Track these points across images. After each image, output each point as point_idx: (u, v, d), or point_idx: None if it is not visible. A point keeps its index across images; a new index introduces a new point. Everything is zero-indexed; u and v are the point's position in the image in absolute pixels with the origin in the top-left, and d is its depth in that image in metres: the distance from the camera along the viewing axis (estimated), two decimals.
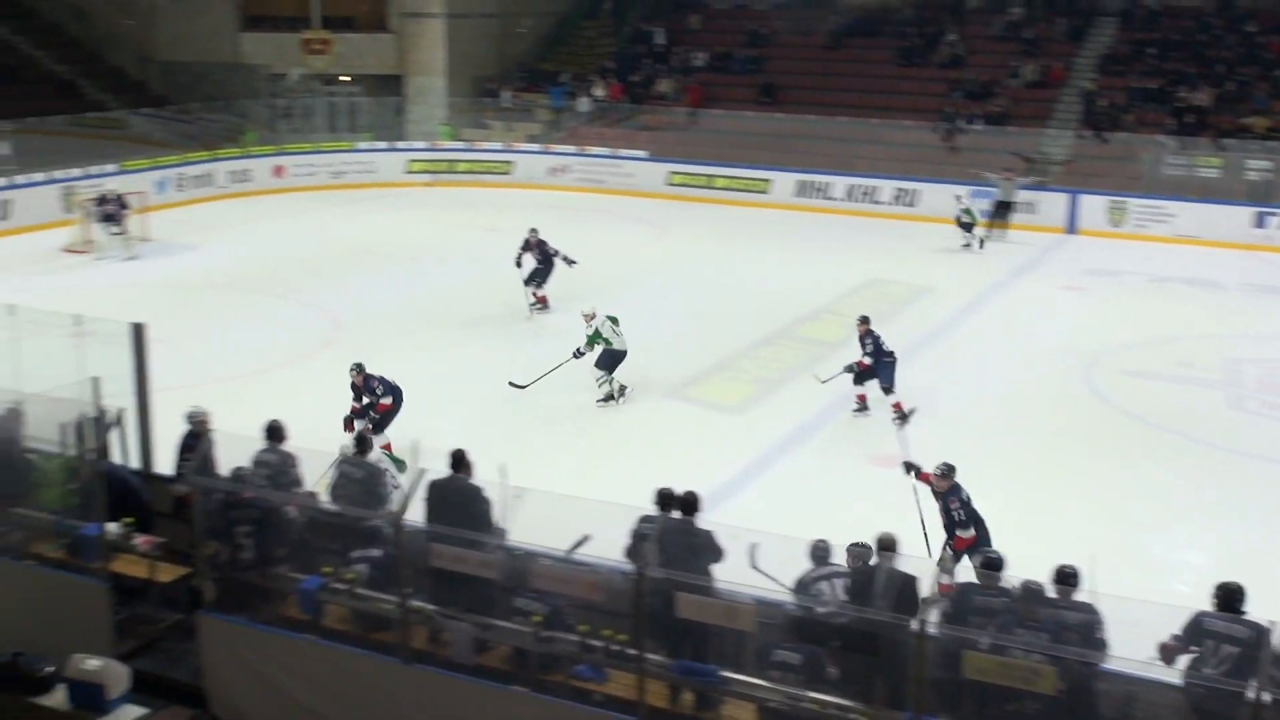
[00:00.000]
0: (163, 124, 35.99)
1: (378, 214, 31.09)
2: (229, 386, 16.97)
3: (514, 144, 36.40)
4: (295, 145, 35.52)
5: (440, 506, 9.31)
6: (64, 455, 10.70)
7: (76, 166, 29.77)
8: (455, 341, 19.80)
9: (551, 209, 31.24)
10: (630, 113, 37.09)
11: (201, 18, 38.73)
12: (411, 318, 21.17)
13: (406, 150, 35.94)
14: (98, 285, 22.92)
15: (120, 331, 11.64)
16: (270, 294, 22.52)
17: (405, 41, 39.01)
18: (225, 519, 9.47)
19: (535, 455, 14.54)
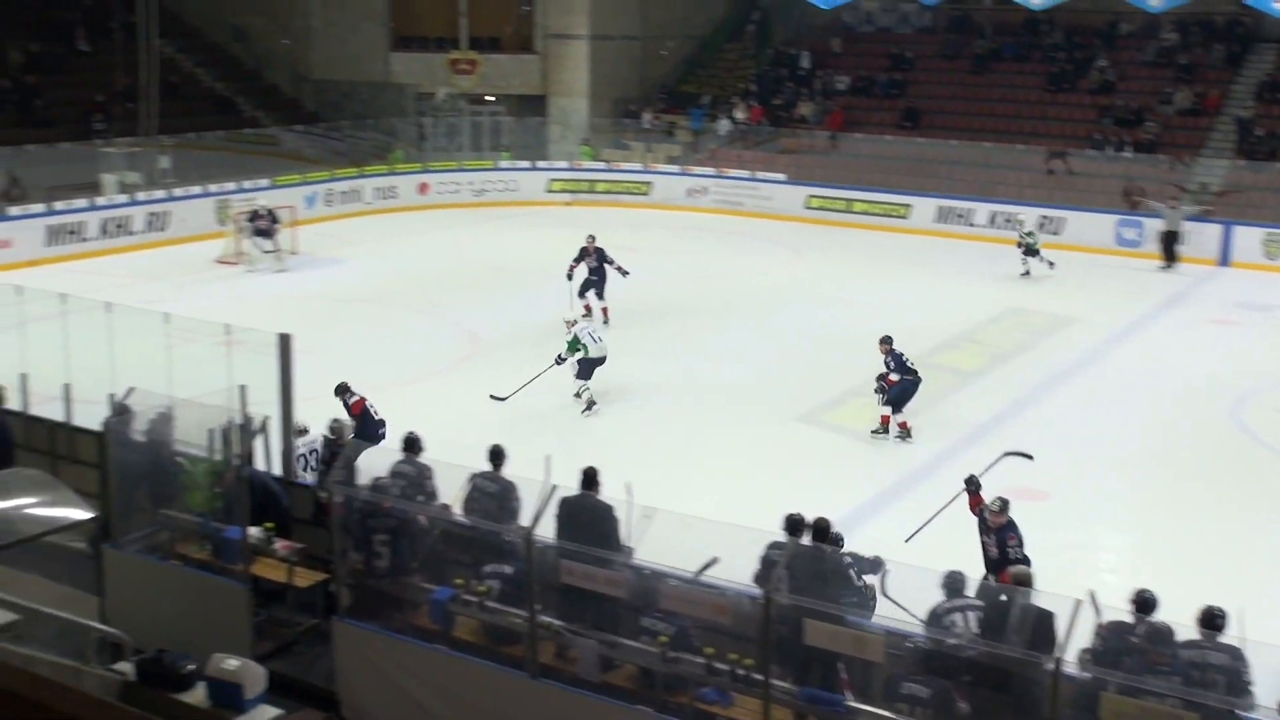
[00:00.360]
0: (314, 141, 36.97)
1: (518, 232, 31.49)
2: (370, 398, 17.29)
3: (653, 165, 36.58)
4: (440, 163, 36.19)
5: (570, 523, 9.36)
6: (210, 460, 11.03)
7: (231, 181, 30.73)
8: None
9: (689, 230, 31.34)
10: (770, 135, 37.03)
11: (354, 38, 39.73)
12: (548, 335, 21.34)
13: (547, 170, 36.36)
14: (247, 296, 23.59)
15: (268, 341, 11.94)
16: (412, 308, 22.95)
17: (549, 62, 39.51)
18: (363, 527, 9.65)
19: (667, 475, 14.55)
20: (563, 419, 16.89)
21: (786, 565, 8.28)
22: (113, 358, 13.56)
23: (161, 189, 29.69)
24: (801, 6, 38.81)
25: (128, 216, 28.32)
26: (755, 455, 15.98)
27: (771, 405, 17.59)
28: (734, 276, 26.37)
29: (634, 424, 16.88)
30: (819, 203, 33.89)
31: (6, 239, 26.01)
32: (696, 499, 13.70)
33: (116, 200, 28.61)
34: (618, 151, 38.08)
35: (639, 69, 40.64)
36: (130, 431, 11.24)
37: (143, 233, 28.46)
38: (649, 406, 17.69)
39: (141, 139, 29.92)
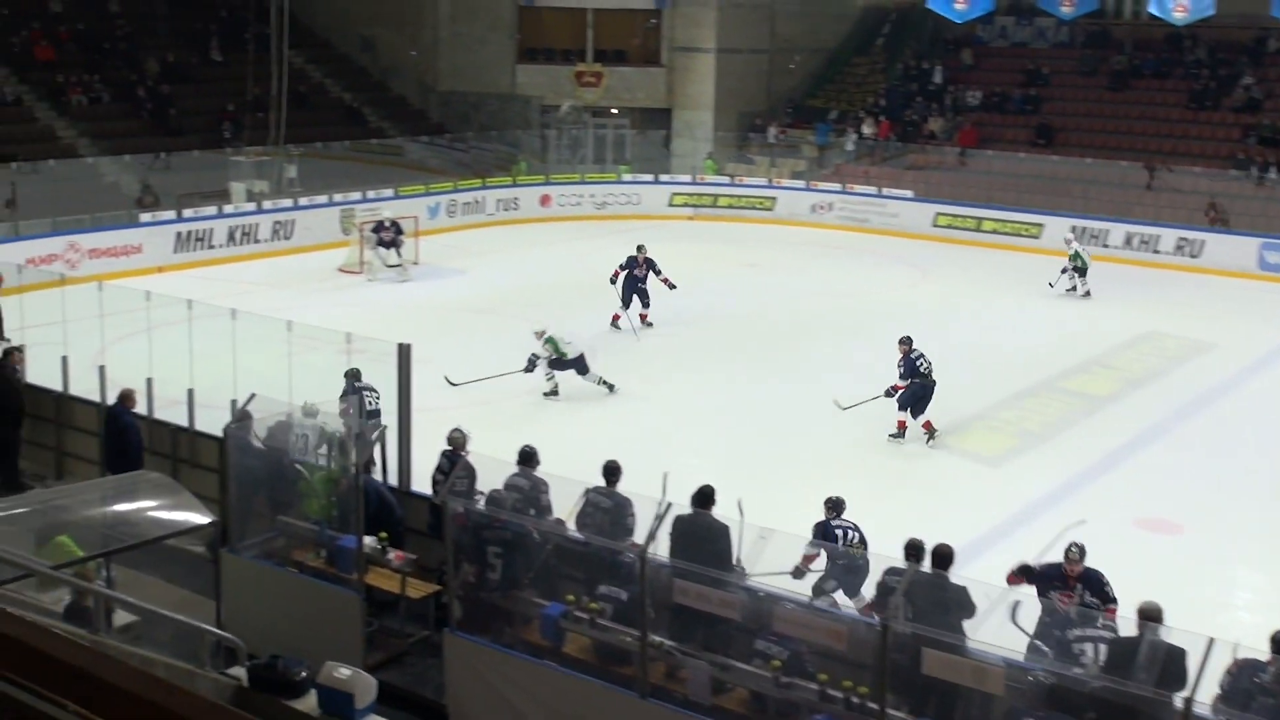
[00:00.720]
0: (438, 152, 37.56)
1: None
2: (486, 410, 17.49)
3: (778, 180, 36.47)
4: (562, 175, 36.50)
5: (684, 542, 9.34)
6: (328, 468, 11.22)
7: (356, 190, 31.34)
8: (707, 375, 19.90)
9: (813, 247, 31.17)
10: (898, 151, 36.70)
11: (481, 49, 40.30)
12: (666, 351, 21.40)
13: (670, 183, 36.46)
14: (369, 305, 24.02)
15: (387, 351, 12.13)
16: (531, 320, 23.10)
17: (675, 75, 39.64)
18: (477, 540, 9.74)
19: (786, 496, 14.45)
20: (681, 438, 16.88)
21: (905, 592, 8.16)
22: (236, 364, 13.89)
23: (288, 198, 30.40)
24: (934, 20, 38.44)
25: (254, 224, 29.03)
26: (876, 478, 15.80)
27: (889, 426, 17.36)
28: (859, 295, 26.15)
29: (755, 445, 16.81)
30: (947, 220, 33.48)
31: (137, 244, 26.82)
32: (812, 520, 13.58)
33: (244, 208, 29.36)
34: (742, 166, 38.03)
35: (765, 82, 40.57)
36: (250, 438, 11.50)
37: (268, 241, 29.14)
38: (771, 427, 17.60)
39: (270, 148, 30.69)
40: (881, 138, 37.23)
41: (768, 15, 40.04)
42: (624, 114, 40.01)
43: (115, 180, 30.05)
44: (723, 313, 24.15)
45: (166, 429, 14.03)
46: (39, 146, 30.52)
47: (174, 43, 36.93)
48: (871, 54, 41.80)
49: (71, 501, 9.66)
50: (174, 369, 14.69)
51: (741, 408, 18.27)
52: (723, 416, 17.96)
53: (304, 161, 31.85)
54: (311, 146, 33.04)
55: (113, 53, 35.38)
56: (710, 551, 9.19)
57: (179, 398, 14.28)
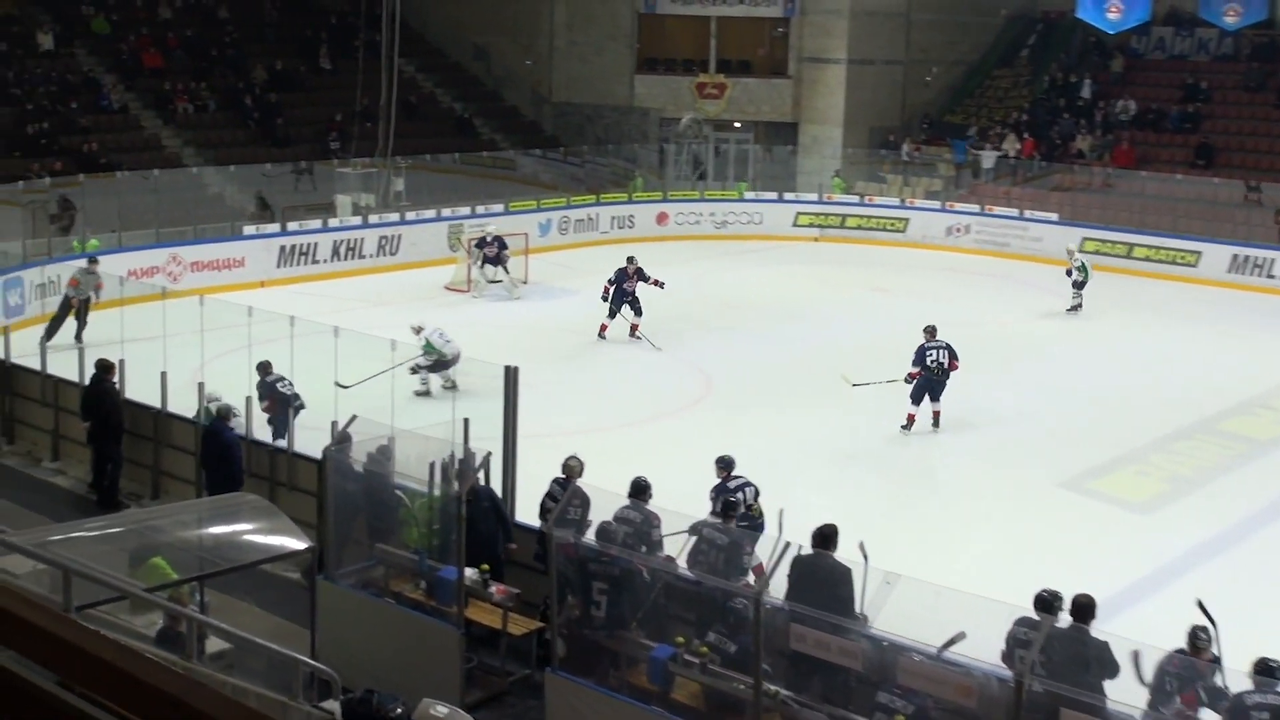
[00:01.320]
0: (551, 165, 37.92)
1: (761, 267, 31.55)
2: (595, 438, 17.56)
3: (911, 200, 36.18)
4: (681, 192, 36.62)
5: (803, 585, 9.26)
6: (429, 495, 11.35)
7: (464, 205, 31.75)
8: (830, 407, 19.77)
9: (947, 272, 30.85)
10: (1042, 171, 36.19)
11: (598, 59, 40.65)
12: (787, 380, 21.31)
13: (795, 202, 36.36)
14: (474, 325, 24.27)
15: (493, 373, 12.25)
16: (644, 345, 23.20)
17: (803, 88, 39.59)
18: (583, 574, 9.77)
19: (912, 539, 14.29)
20: (801, 474, 16.79)
21: (1042, 646, 8.01)
22: (337, 383, 14.15)
23: (394, 212, 30.90)
24: (1084, 30, 37.89)
25: (359, 239, 29.56)
26: (1011, 522, 15.55)
27: (1032, 468, 17.11)
28: (996, 325, 25.80)
29: (878, 483, 16.67)
30: (1095, 246, 32.85)
31: (240, 257, 27.46)
32: (943, 566, 13.41)
33: (349, 222, 29.92)
34: (873, 184, 37.81)
35: (899, 96, 40.32)
36: (350, 461, 11.67)
37: (373, 256, 29.64)
38: (897, 464, 17.44)
39: (377, 159, 31.22)
40: (1024, 156, 36.75)
41: (903, 24, 39.83)
42: (747, 128, 40.02)
43: (219, 191, 30.81)
44: (848, 341, 23.98)
45: (265, 449, 14.32)
46: (144, 156, 31.44)
47: (282, 50, 37.82)
48: (1015, 66, 41.33)
49: (167, 522, 9.89)
50: None
51: (866, 443, 18.11)
52: (845, 452, 17.82)
53: (412, 174, 32.34)
54: (420, 159, 33.55)
55: (220, 60, 36.35)
56: (831, 595, 9.10)
57: None
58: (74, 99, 32.25)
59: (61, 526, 10.08)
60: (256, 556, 9.53)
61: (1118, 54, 39.26)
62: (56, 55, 33.76)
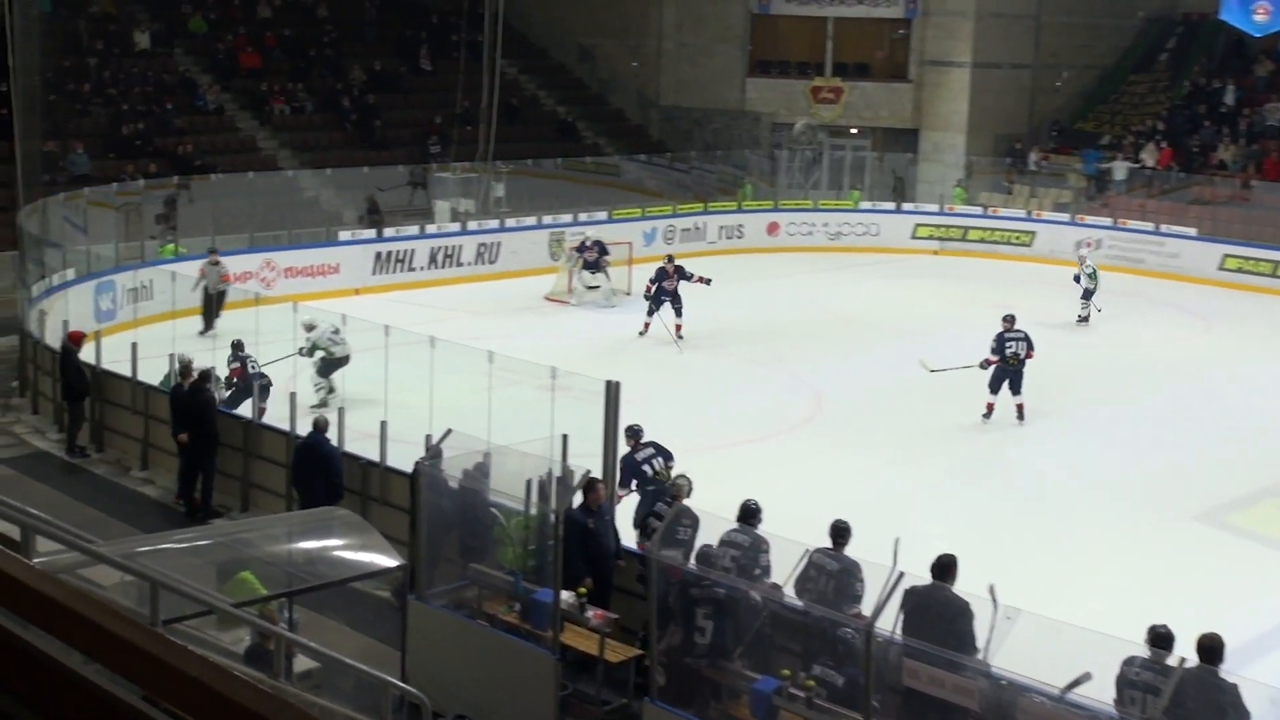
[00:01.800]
0: (657, 172, 38.01)
1: (876, 282, 31.34)
2: (699, 458, 17.52)
3: (1038, 212, 35.74)
4: (793, 202, 36.52)
5: (918, 618, 9.15)
6: (525, 513, 11.40)
7: (566, 212, 31.93)
8: (952, 433, 19.56)
9: (1077, 289, 30.37)
10: (1181, 183, 35.55)
11: (709, 62, 40.69)
12: (901, 401, 21.11)
13: (914, 213, 36.10)
14: (576, 337, 24.39)
15: (594, 388, 12.28)
16: (752, 360, 23.15)
17: (924, 92, 39.31)
18: (685, 599, 9.74)
19: (1033, 572, 14.08)
20: (921, 503, 16.62)
21: (1173, 690, 7.83)
22: (432, 395, 14.28)
23: (494, 218, 31.17)
24: (1227, 33, 37.19)
25: (458, 246, 29.86)
26: (1141, 556, 15.25)
27: (1164, 499, 16.78)
28: (1128, 347, 25.38)
29: (998, 511, 16.45)
30: (1237, 264, 32.23)
31: (335, 264, 27.86)
32: (1067, 601, 13.18)
33: (448, 229, 30.24)
34: (997, 195, 37.40)
35: (1027, 102, 39.88)
36: (444, 476, 11.76)
37: (472, 264, 29.93)
38: (1019, 490, 17.20)
39: (477, 164, 31.52)
40: (1161, 167, 36.14)
41: (1032, 26, 39.40)
42: (864, 134, 39.83)
43: (315, 195, 31.29)
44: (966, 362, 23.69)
45: (357, 463, 14.49)
46: (239, 158, 32.07)
47: (381, 50, 38.37)
48: (1153, 71, 40.68)
49: (257, 535, 10.04)
50: (367, 398, 15.19)
51: (992, 472, 17.90)
52: (962, 477, 17.61)
53: (512, 180, 32.61)
54: (521, 164, 33.82)
55: (318, 60, 36.95)
56: (948, 630, 8.98)
57: (371, 430, 14.73)
58: (170, 99, 32.98)
59: (149, 538, 10.29)
60: (347, 573, 9.65)
61: (1263, 58, 38.46)
62: (153, 55, 34.55)
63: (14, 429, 18.74)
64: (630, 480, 13.22)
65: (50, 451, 17.69)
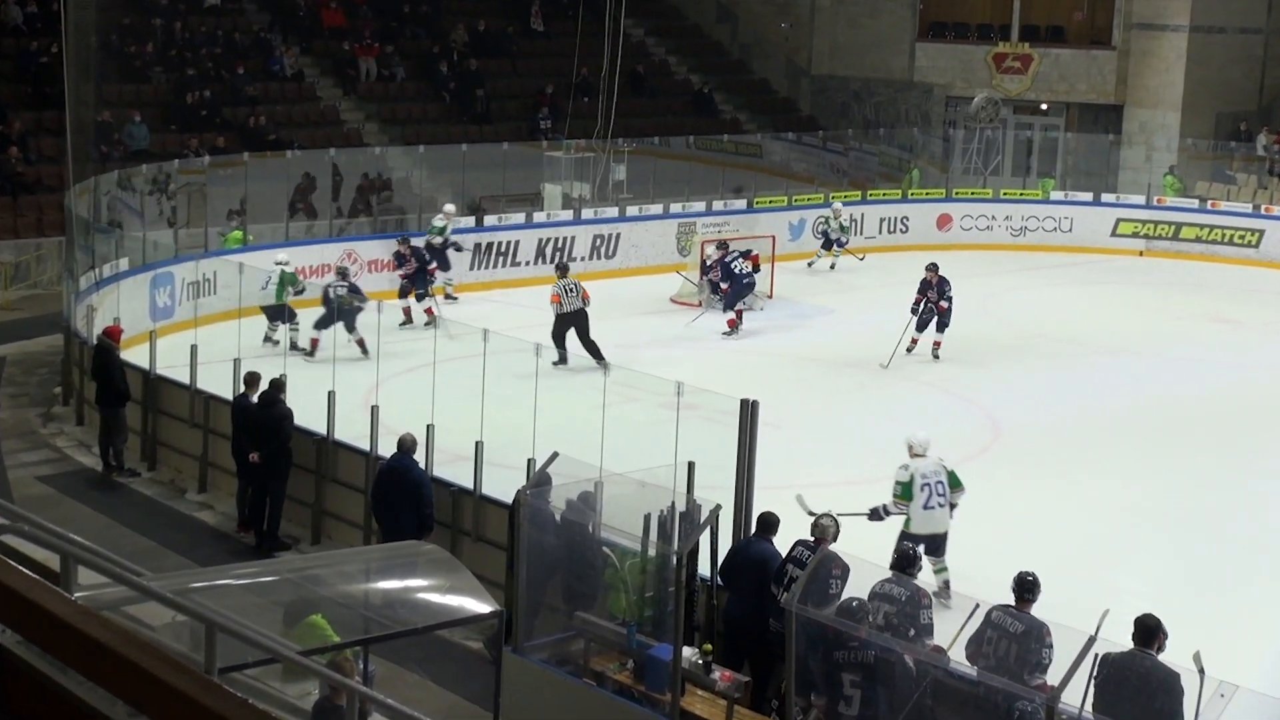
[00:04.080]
0: (808, 153, 37.91)
1: (1069, 287, 30.94)
2: (851, 491, 17.43)
3: (1268, 207, 35.04)
4: (968, 190, 36.20)
5: (1113, 691, 9.03)
6: (643, 554, 11.40)
7: (699, 199, 31.93)
8: (1162, 471, 19.24)
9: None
10: None
11: (871, 24, 40.55)
12: (1095, 430, 20.82)
13: (1115, 206, 35.58)
14: (707, 347, 24.38)
15: (726, 408, 12.26)
16: (914, 378, 22.97)
17: (1130, 62, 38.79)
18: (828, 661, 9.69)
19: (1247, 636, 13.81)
20: (1121, 554, 16.38)
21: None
22: (536, 413, 14.35)
23: (613, 206, 31.24)
24: None
25: (570, 238, 29.99)
26: None
27: None
28: None
29: (1221, 565, 16.13)
30: None
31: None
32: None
33: (559, 217, 30.38)
34: (1219, 186, 36.77)
35: (1257, 74, 39.19)
36: (549, 509, 11.80)
37: (586, 259, 30.01)
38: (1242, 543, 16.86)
39: (596, 142, 31.59)
40: None
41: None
42: (1057, 111, 39.39)
43: (406, 176, 31.63)
44: (1185, 386, 23.32)
45: (447, 490, 14.61)
46: (320, 132, 32.58)
47: (486, 8, 38.73)
48: None
49: (329, 572, 10.13)
50: (460, 415, 15.30)
51: (1210, 519, 17.56)
52: (1181, 529, 17.32)
53: (636, 160, 32.62)
54: (647, 142, 33.88)
55: (413, 18, 37.36)
56: (1147, 707, 8.86)
57: (464, 451, 14.84)
58: (241, 63, 33.52)
59: (206, 572, 10.45)
60: (433, 620, 9.70)
61: None
62: (223, 12, 35.21)
63: (55, 442, 19.20)
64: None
65: (96, 468, 18.07)
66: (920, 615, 10.36)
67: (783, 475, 14.87)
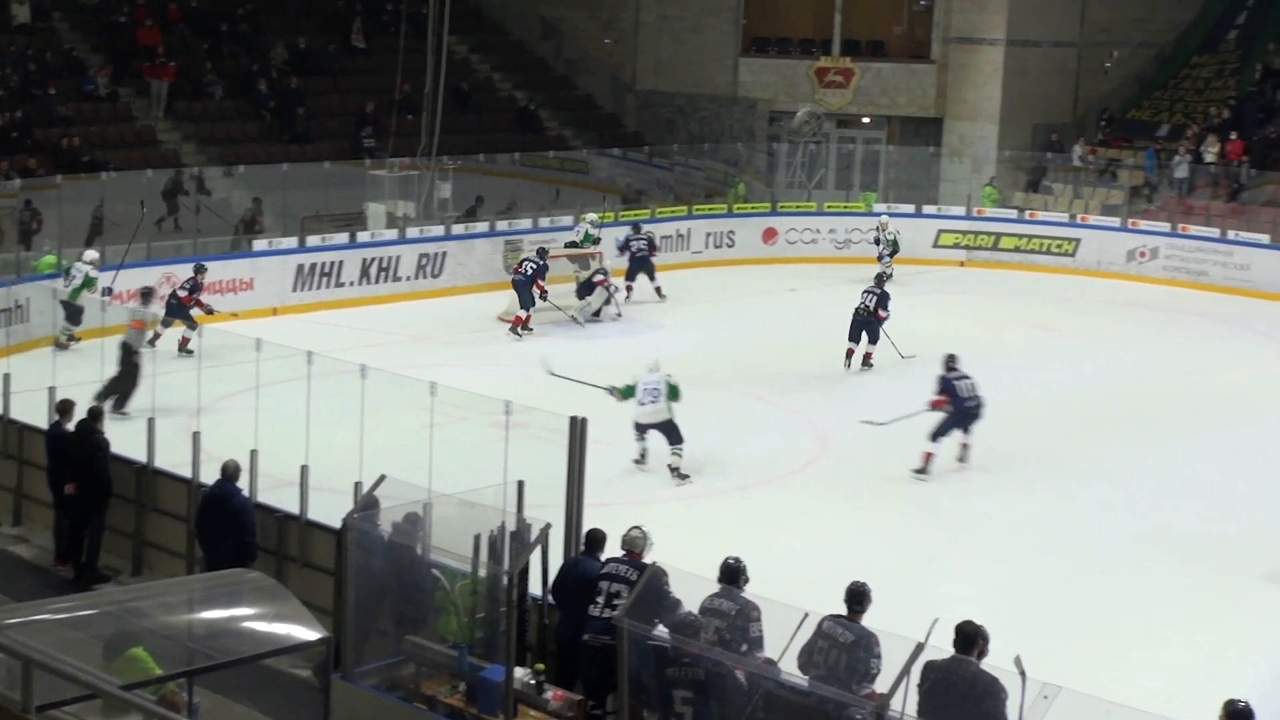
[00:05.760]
0: (634, 168, 38.03)
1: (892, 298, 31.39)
2: (682, 507, 17.55)
3: (1084, 216, 35.90)
4: (793, 204, 36.59)
5: (939, 698, 9.18)
6: (474, 575, 11.37)
7: (525, 216, 31.93)
8: (984, 479, 19.59)
9: (1129, 307, 30.55)
10: (1254, 181, 35.73)
11: (694, 38, 40.78)
12: (920, 441, 21.13)
13: (936, 217, 36.21)
14: (534, 365, 24.34)
15: (556, 426, 12.26)
16: (744, 393, 23.16)
17: (949, 75, 39.51)
18: (659, 679, 9.74)
19: (1073, 643, 14.13)
20: (947, 561, 16.65)
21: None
22: (363, 435, 14.24)
23: (439, 224, 31.12)
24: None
25: (394, 257, 29.81)
26: (1207, 625, 15.31)
27: (1230, 556, 16.85)
28: (1190, 375, 25.49)
29: (1041, 573, 16.48)
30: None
31: (248, 278, 27.76)
32: (1120, 678, 13.22)
33: (383, 236, 30.18)
34: (1036, 196, 37.60)
35: (1071, 86, 40.12)
36: (377, 532, 11.72)
37: (411, 279, 29.88)
38: (1064, 547, 17.24)
39: (419, 160, 31.43)
40: (1230, 161, 36.32)
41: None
42: (879, 124, 39.97)
43: (226, 198, 31.21)
44: (1006, 394, 23.72)
45: (272, 516, 14.43)
46: (135, 153, 31.96)
47: (307, 25, 38.33)
48: (1221, 51, 40.92)
49: (151, 604, 9.97)
50: (284, 439, 15.12)
51: (1032, 526, 17.93)
52: (1005, 535, 17.66)
53: (461, 178, 32.51)
54: (471, 159, 33.78)
55: (231, 37, 36.85)
56: (973, 712, 9.01)
57: (289, 477, 14.68)
58: (53, 83, 32.80)
59: (22, 607, 10.20)
60: (260, 649, 9.59)
61: None
62: (33, 31, 34.44)
63: None
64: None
65: None
66: (750, 628, 10.43)
67: (614, 492, 14.93)
